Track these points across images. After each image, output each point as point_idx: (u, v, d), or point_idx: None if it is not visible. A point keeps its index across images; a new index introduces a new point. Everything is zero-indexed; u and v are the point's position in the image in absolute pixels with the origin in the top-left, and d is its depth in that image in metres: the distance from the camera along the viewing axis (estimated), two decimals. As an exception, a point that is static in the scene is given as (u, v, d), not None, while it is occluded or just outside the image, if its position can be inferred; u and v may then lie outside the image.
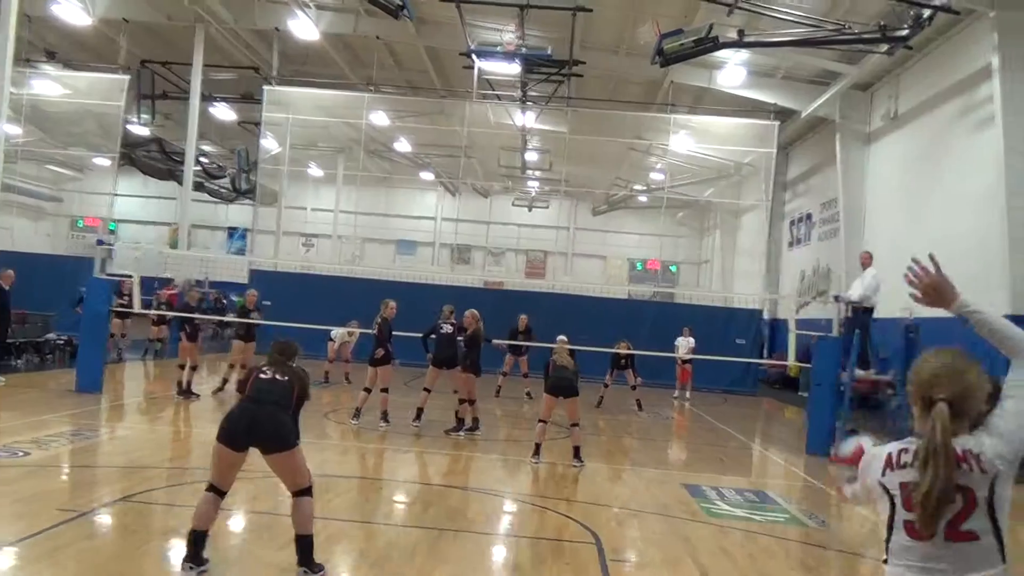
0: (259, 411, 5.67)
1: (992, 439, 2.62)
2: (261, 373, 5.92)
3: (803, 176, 30.27)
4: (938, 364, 2.82)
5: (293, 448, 5.65)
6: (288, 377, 5.88)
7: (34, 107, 26.41)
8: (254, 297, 15.51)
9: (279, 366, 5.97)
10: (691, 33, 17.61)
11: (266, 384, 5.83)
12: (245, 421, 5.64)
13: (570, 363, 11.11)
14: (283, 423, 5.66)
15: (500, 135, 30.17)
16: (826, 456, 13.07)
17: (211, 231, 44.29)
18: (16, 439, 9.68)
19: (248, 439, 5.61)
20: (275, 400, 5.72)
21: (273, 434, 5.60)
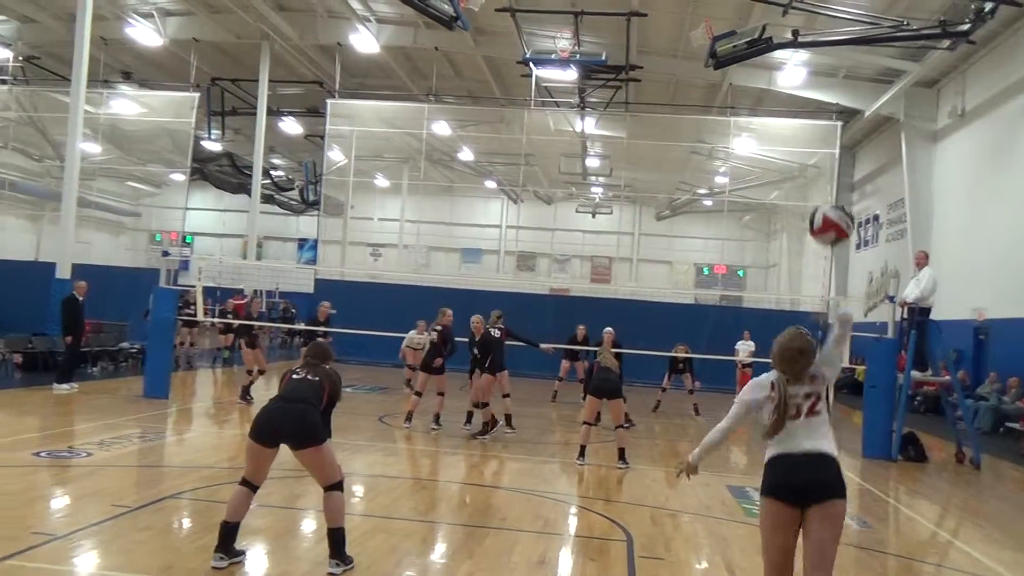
0: (289, 409, 5.90)
1: (824, 370, 4.63)
2: (294, 374, 6.17)
3: (870, 177, 29.71)
4: (785, 343, 4.68)
5: (322, 444, 5.85)
6: (319, 377, 6.11)
7: (112, 125, 27.54)
8: (326, 310, 15.66)
9: (312, 368, 6.20)
10: (744, 34, 17.52)
11: (297, 383, 6.07)
12: (275, 418, 5.88)
13: (614, 364, 11.18)
14: (312, 420, 5.88)
15: (560, 142, 30.32)
16: (884, 458, 12.87)
17: (282, 242, 45.49)
18: (83, 441, 10.18)
19: (278, 435, 5.85)
20: (305, 398, 5.95)
21: (302, 430, 5.82)
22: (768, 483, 4.45)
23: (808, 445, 4.38)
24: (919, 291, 13.10)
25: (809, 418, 4.46)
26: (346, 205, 33.58)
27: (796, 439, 4.41)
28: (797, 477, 4.34)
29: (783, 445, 4.44)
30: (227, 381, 19.77)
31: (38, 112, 28.46)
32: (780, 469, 4.42)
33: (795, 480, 4.34)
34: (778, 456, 4.45)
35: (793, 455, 4.38)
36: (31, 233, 37.67)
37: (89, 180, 26.75)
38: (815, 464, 4.36)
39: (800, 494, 4.31)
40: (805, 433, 4.43)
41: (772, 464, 4.47)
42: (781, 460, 4.43)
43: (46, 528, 6.54)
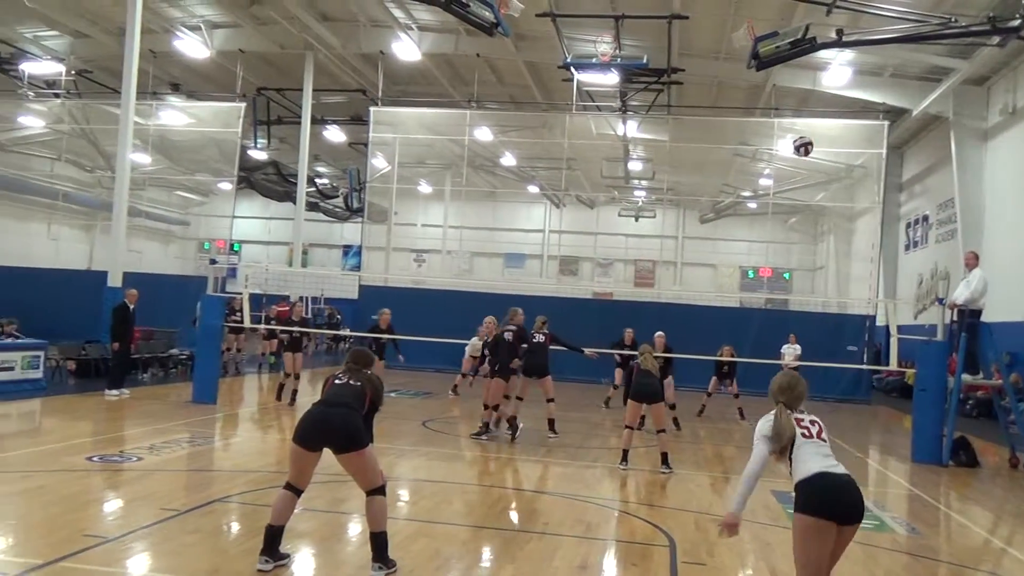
0: (331, 413, 5.97)
1: None
2: (336, 379, 6.24)
3: (918, 177, 29.21)
4: (785, 381, 5.03)
5: (363, 448, 5.91)
6: (361, 382, 6.17)
7: (161, 136, 28.07)
8: (387, 316, 15.63)
9: (354, 373, 6.26)
10: (787, 35, 17.27)
11: (340, 388, 6.14)
12: (318, 422, 5.95)
13: (655, 368, 11.13)
14: (354, 424, 5.94)
15: (602, 146, 30.24)
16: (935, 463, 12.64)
17: (327, 249, 45.98)
18: (134, 446, 10.41)
19: (320, 439, 5.92)
20: (346, 403, 6.01)
21: (344, 435, 5.88)
22: (806, 502, 4.62)
23: (820, 465, 4.68)
24: (969, 293, 12.84)
25: (819, 440, 4.78)
26: (390, 212, 33.85)
27: (812, 459, 4.69)
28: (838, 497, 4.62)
29: (807, 465, 4.67)
30: (273, 386, 20.01)
31: (90, 124, 29.12)
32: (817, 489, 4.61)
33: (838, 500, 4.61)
34: (802, 480, 4.66)
35: (813, 475, 4.64)
36: (84, 243, 38.51)
37: (139, 190, 27.36)
38: (850, 485, 4.68)
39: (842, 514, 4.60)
40: (817, 452, 4.73)
41: (807, 485, 4.64)
42: (816, 480, 4.62)
43: (98, 531, 6.70)
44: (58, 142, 29.99)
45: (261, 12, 23.89)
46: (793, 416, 4.81)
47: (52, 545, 6.10)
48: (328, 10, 24.31)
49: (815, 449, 4.71)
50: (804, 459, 4.67)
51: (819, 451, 4.72)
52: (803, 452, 4.69)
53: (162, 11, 24.00)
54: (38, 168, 33.02)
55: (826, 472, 4.59)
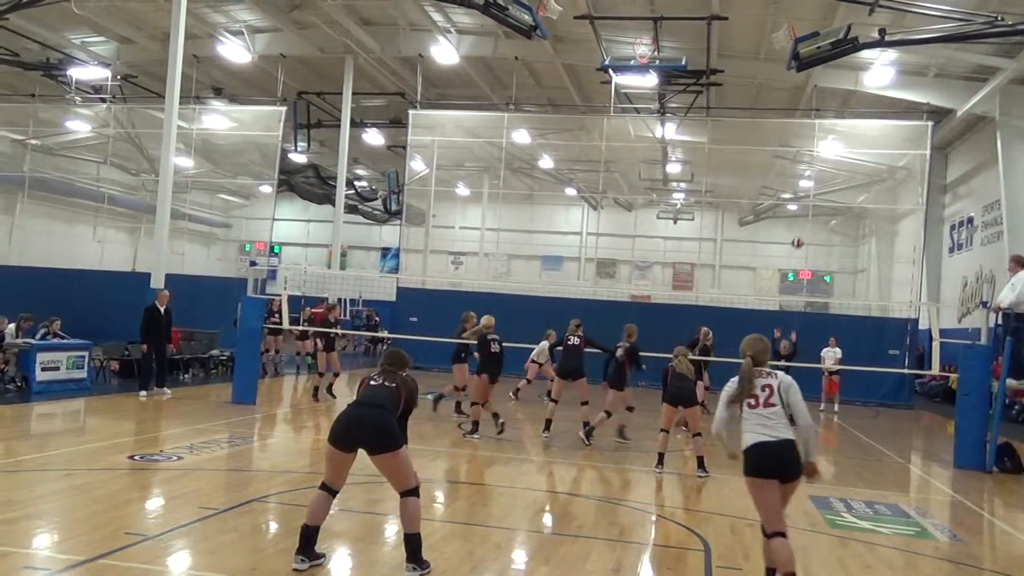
0: (365, 414, 6.01)
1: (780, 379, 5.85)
2: (372, 380, 6.28)
3: (963, 178, 28.69)
4: (750, 339, 6.04)
5: (397, 450, 5.94)
6: (396, 384, 6.20)
7: (203, 140, 28.47)
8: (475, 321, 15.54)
9: (389, 374, 6.30)
10: (828, 35, 17.08)
11: (375, 389, 6.18)
12: (353, 423, 6.00)
13: (690, 371, 11.08)
14: (387, 426, 5.97)
15: (640, 148, 30.15)
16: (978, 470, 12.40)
17: (366, 251, 46.33)
18: (174, 445, 10.57)
19: (355, 440, 5.97)
20: (381, 404, 6.05)
21: (377, 436, 5.92)
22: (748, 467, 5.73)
23: (767, 433, 5.68)
24: (1015, 296, 12.57)
25: (766, 408, 5.75)
26: (428, 214, 34.03)
27: (756, 429, 5.72)
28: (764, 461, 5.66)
29: (746, 436, 5.77)
30: (311, 388, 20.23)
31: (135, 128, 29.62)
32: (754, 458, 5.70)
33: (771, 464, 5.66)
34: (748, 448, 5.73)
35: (755, 444, 5.69)
36: (128, 245, 39.19)
37: (182, 193, 27.72)
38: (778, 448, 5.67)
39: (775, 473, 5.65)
40: (767, 422, 5.70)
41: (746, 453, 5.75)
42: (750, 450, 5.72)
43: (139, 529, 6.82)
44: (104, 146, 30.51)
45: (302, 17, 24.13)
46: (755, 370, 5.87)
47: (93, 542, 6.22)
48: (368, 14, 24.49)
49: (757, 421, 5.73)
50: (747, 429, 5.76)
51: (760, 422, 5.71)
52: (747, 423, 5.78)
53: (205, 16, 24.35)
54: (84, 172, 33.66)
55: (761, 443, 5.66)
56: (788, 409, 5.72)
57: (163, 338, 15.70)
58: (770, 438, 5.63)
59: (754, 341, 6.03)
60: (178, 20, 18.85)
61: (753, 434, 5.69)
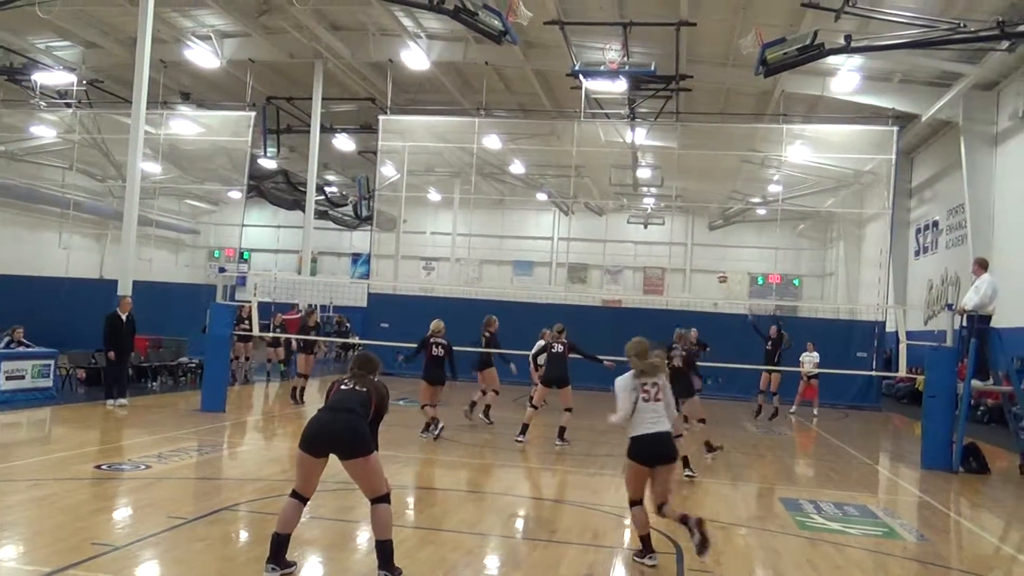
0: (336, 419, 5.96)
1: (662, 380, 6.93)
2: (342, 384, 6.23)
3: (928, 182, 29.14)
4: (634, 341, 7.00)
5: (368, 455, 5.90)
6: (367, 389, 6.16)
7: (171, 145, 28.17)
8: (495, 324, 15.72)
9: (359, 379, 6.25)
10: (795, 41, 17.26)
11: (345, 394, 6.13)
12: (324, 428, 5.95)
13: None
14: (359, 431, 5.93)
15: (611, 153, 30.27)
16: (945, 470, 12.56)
17: (337, 257, 46.10)
18: (142, 454, 10.44)
19: (326, 445, 5.92)
20: (351, 409, 6.00)
21: (349, 441, 5.88)
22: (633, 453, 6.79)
23: (656, 427, 6.75)
24: (979, 298, 12.76)
25: (656, 403, 6.80)
26: (399, 220, 33.92)
27: (647, 421, 6.73)
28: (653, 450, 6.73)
29: (638, 427, 6.74)
30: (283, 394, 20.08)
31: (101, 134, 29.25)
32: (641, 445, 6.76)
33: (650, 452, 6.74)
34: (637, 436, 6.75)
35: (647, 435, 6.72)
36: (95, 252, 38.68)
37: (150, 199, 27.46)
38: (663, 439, 6.77)
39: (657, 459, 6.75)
40: (654, 416, 6.75)
41: (635, 441, 6.76)
42: (640, 440, 6.74)
43: (106, 539, 6.73)
44: (69, 152, 30.12)
45: (271, 22, 23.99)
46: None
47: (60, 553, 6.13)
48: (337, 19, 24.41)
49: (648, 414, 6.75)
50: (638, 420, 6.73)
51: (650, 415, 6.75)
52: (640, 416, 6.74)
53: (173, 21, 24.16)
54: (49, 178, 33.21)
55: (647, 433, 6.70)
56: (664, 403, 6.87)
57: (126, 346, 15.31)
58: (658, 430, 6.73)
59: (637, 343, 7.03)
60: (145, 25, 18.67)
61: (645, 424, 6.72)
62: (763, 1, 20.35)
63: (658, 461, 6.73)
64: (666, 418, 6.81)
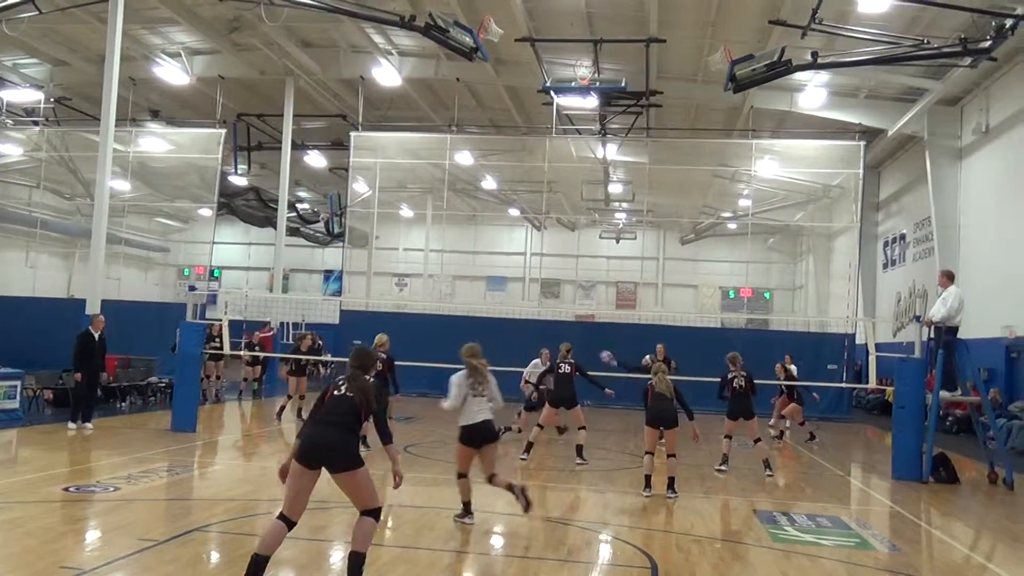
0: (324, 432, 5.97)
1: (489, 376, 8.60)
2: (335, 390, 6.19)
3: (895, 196, 29.53)
4: (468, 346, 8.61)
5: (355, 470, 5.90)
6: (355, 394, 6.11)
7: (141, 163, 27.91)
8: None
9: (351, 381, 6.20)
10: (763, 58, 17.46)
11: (335, 403, 6.10)
12: (312, 442, 5.96)
13: (669, 390, 10.78)
14: (346, 444, 5.94)
15: (582, 168, 30.42)
16: (915, 480, 12.68)
17: (308, 274, 45.85)
18: (111, 475, 10.30)
19: (317, 459, 5.90)
20: (340, 422, 6.00)
21: (335, 456, 5.90)
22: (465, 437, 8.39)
23: (481, 417, 8.32)
24: (945, 310, 12.93)
25: (481, 398, 8.31)
26: (371, 236, 33.86)
27: (474, 412, 8.29)
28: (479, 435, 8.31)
29: (467, 417, 8.34)
30: (255, 414, 19.93)
31: (69, 152, 28.93)
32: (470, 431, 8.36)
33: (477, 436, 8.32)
34: (466, 425, 8.34)
35: (475, 424, 8.31)
36: (63, 271, 38.25)
37: (119, 217, 27.15)
38: (487, 426, 8.35)
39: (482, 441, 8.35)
40: (479, 408, 8.31)
41: (464, 429, 8.35)
42: (469, 427, 8.34)
43: (75, 562, 6.63)
44: (36, 170, 29.78)
45: (241, 39, 23.90)
46: None
47: (27, 577, 6.02)
48: (308, 36, 24.37)
49: (475, 406, 8.32)
50: (467, 412, 8.32)
51: (476, 407, 8.32)
52: (468, 407, 8.31)
53: (142, 38, 24.00)
54: (16, 196, 32.83)
55: (474, 423, 8.30)
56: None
57: (97, 367, 14.98)
58: (483, 419, 8.31)
59: (471, 348, 8.56)
60: (114, 42, 18.52)
61: (472, 415, 8.30)
62: (731, 19, 20.58)
63: (483, 443, 8.32)
64: (489, 410, 8.38)
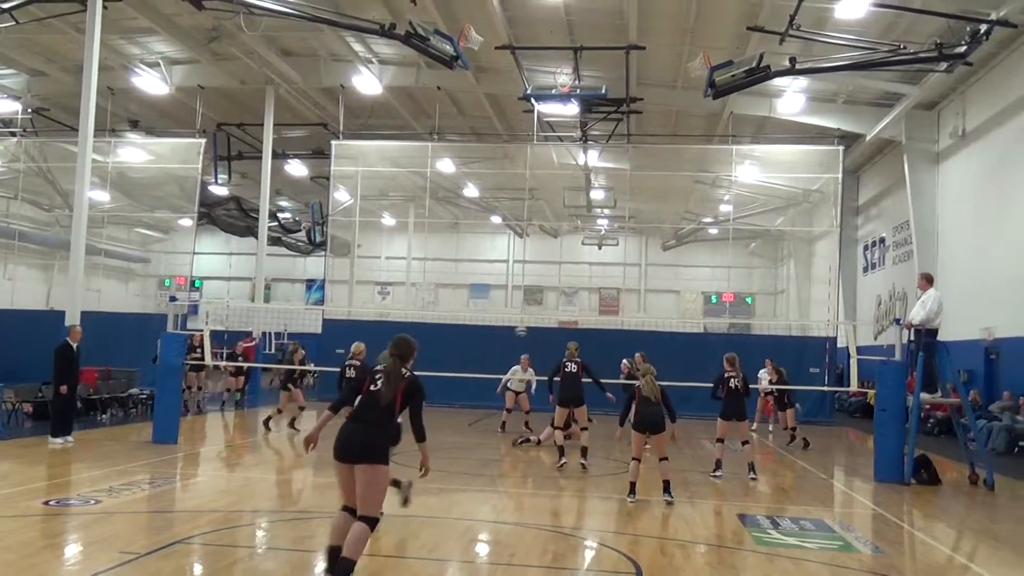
0: (355, 431, 6.19)
1: None
2: (372, 384, 6.37)
3: (874, 200, 29.77)
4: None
5: (374, 463, 6.09)
6: (390, 390, 6.27)
7: (120, 173, 27.78)
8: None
9: (388, 374, 6.35)
10: (742, 64, 17.62)
11: (368, 399, 6.32)
12: (345, 438, 6.18)
13: (655, 393, 10.71)
14: (370, 440, 6.14)
15: (564, 175, 30.53)
16: (897, 482, 12.76)
17: (290, 284, 45.72)
18: (92, 488, 10.19)
19: (347, 455, 6.14)
20: (373, 418, 6.24)
21: (364, 449, 6.11)
22: None
23: None
24: (925, 313, 13.03)
25: None
26: (353, 245, 33.76)
27: None
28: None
29: None
30: (237, 424, 19.82)
31: (48, 163, 28.72)
32: None
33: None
34: None
35: None
36: (42, 283, 37.95)
37: (98, 228, 27.01)
38: None
39: None
40: None
41: None
42: None
43: (54, 577, 6.55)
44: (15, 181, 29.55)
45: (220, 48, 23.84)
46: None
47: (6, 593, 5.95)
48: (288, 45, 24.35)
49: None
50: None
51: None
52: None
53: (120, 48, 23.90)
54: (-6, 208, 32.56)
55: None
56: None
57: (75, 379, 14.80)
58: None
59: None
60: (91, 52, 18.40)
61: None
62: (710, 25, 20.72)
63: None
64: None
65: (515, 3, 20.26)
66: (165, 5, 20.98)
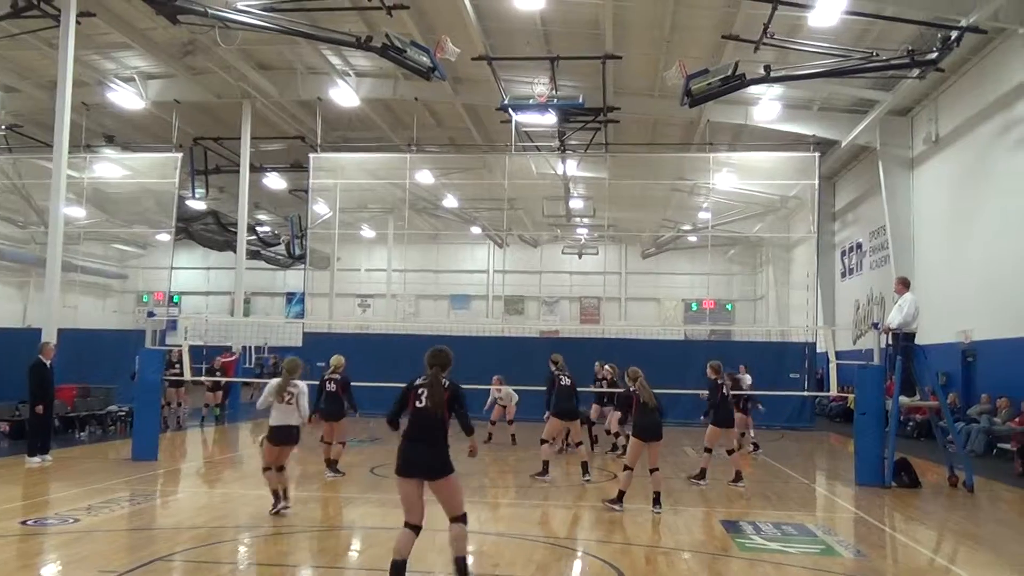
0: (417, 449, 6.54)
1: (300, 386, 10.07)
2: (416, 400, 6.59)
3: (851, 205, 30.01)
4: (289, 359, 10.32)
5: (449, 475, 6.52)
6: (429, 404, 6.53)
7: (96, 189, 27.56)
8: None
9: (430, 387, 6.60)
10: (717, 72, 17.74)
11: (420, 416, 6.59)
12: (408, 458, 6.55)
13: (653, 400, 10.66)
14: (434, 457, 6.50)
15: (543, 185, 30.60)
16: (878, 485, 12.83)
17: (270, 297, 45.46)
18: (70, 507, 10.08)
19: (413, 472, 6.52)
20: (428, 435, 6.54)
21: (429, 467, 6.51)
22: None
23: (283, 420, 9.79)
24: (902, 317, 13.15)
25: (288, 406, 9.77)
26: (332, 257, 33.66)
27: (279, 416, 9.79)
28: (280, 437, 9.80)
29: (274, 420, 9.83)
30: (217, 440, 19.68)
31: (22, 179, 28.47)
32: None
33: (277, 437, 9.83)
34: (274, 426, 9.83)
35: (281, 426, 9.77)
36: (18, 300, 37.59)
37: (74, 244, 26.74)
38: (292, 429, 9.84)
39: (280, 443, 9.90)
40: (284, 414, 9.78)
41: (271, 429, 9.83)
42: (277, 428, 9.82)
43: (32, 597, 6.47)
44: (-11, 198, 29.31)
45: (196, 62, 23.74)
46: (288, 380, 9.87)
47: (-17, 615, 5.87)
48: (264, 59, 24.28)
49: (280, 413, 9.76)
50: (274, 415, 9.83)
51: (282, 414, 9.75)
52: (275, 412, 9.79)
53: (94, 63, 23.75)
54: (-32, 226, 32.22)
55: (279, 425, 9.79)
56: None
57: (50, 397, 14.52)
58: (285, 423, 9.76)
59: (291, 362, 10.10)
60: (65, 67, 18.27)
61: (278, 418, 9.78)
62: (685, 34, 20.85)
63: (283, 444, 9.80)
64: (295, 416, 9.76)
65: (491, 14, 20.31)
66: (139, 20, 20.85)
